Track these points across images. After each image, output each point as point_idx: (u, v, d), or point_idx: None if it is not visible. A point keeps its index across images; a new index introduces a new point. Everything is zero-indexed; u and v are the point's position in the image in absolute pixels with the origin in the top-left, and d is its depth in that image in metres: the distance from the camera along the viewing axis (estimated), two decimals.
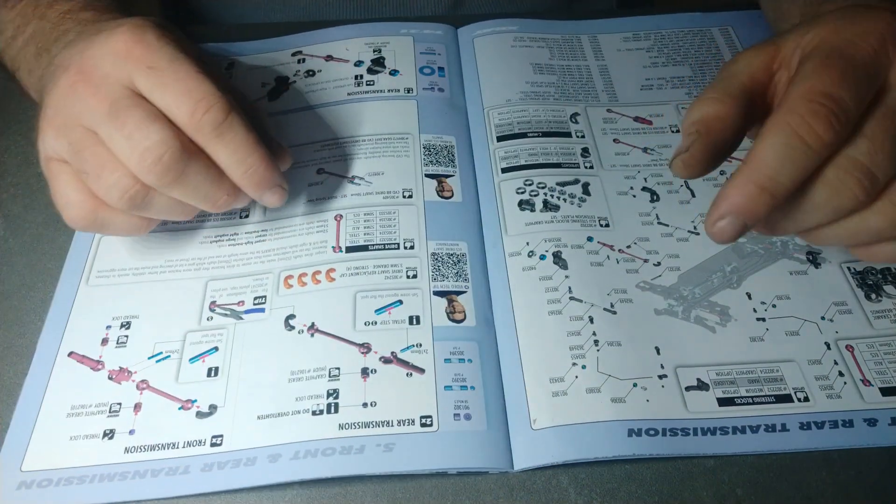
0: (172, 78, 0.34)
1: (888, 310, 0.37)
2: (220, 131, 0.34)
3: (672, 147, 0.44)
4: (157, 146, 0.33)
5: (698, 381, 0.35)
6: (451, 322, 0.37)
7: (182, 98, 0.34)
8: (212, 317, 0.37)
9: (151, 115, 0.33)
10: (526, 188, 0.42)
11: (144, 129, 0.33)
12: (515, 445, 0.33)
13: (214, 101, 0.34)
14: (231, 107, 0.34)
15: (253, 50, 0.51)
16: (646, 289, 0.38)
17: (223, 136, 0.34)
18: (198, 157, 0.34)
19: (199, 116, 0.33)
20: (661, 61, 0.50)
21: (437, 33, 0.52)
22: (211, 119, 0.33)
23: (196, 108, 0.33)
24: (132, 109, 0.33)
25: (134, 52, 0.34)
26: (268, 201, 0.37)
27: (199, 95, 0.34)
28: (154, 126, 0.33)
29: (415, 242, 0.40)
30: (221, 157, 0.35)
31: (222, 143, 0.34)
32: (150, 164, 0.33)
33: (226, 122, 0.34)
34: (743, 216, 0.30)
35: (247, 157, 0.35)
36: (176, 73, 0.34)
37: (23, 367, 0.36)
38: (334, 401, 0.34)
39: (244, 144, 0.35)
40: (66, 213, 0.35)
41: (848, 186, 0.29)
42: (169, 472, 0.32)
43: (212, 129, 0.34)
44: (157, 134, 0.33)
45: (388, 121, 0.46)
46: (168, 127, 0.33)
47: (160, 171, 0.33)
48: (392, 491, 0.32)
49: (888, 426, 0.33)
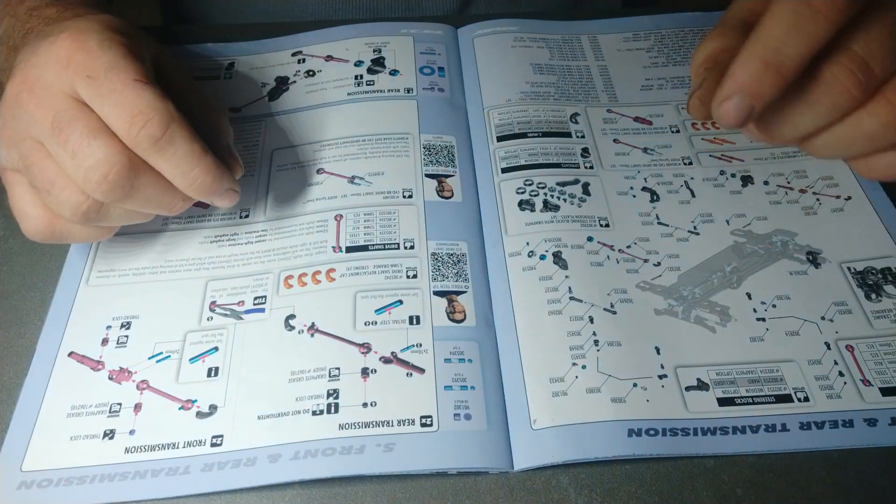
0: (108, 89, 0.32)
1: (888, 310, 0.37)
2: (160, 146, 0.32)
3: (672, 147, 0.45)
4: (101, 164, 0.32)
5: (698, 381, 0.35)
6: (451, 322, 0.37)
7: (118, 111, 0.32)
8: (212, 317, 0.37)
9: (94, 130, 0.32)
10: (526, 188, 0.42)
11: (87, 147, 0.32)
12: (515, 445, 0.33)
13: (151, 115, 0.32)
14: (170, 118, 0.33)
15: (253, 50, 0.51)
16: (646, 289, 0.38)
17: (163, 151, 0.33)
18: (145, 170, 0.33)
19: (135, 132, 0.32)
20: (661, 61, 0.50)
21: (437, 33, 0.52)
22: (147, 134, 0.32)
23: (132, 123, 0.32)
24: (74, 123, 0.32)
25: (74, 60, 0.33)
26: (218, 204, 0.36)
27: (134, 109, 0.32)
28: (97, 142, 0.32)
29: (415, 242, 0.40)
30: (165, 170, 0.34)
31: (163, 157, 0.33)
32: (95, 183, 0.32)
33: (164, 136, 0.32)
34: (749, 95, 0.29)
35: (191, 170, 0.34)
36: (112, 84, 0.32)
37: (23, 367, 0.36)
38: (334, 401, 0.34)
39: (186, 157, 0.33)
40: (23, 226, 0.35)
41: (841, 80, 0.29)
42: (169, 473, 0.32)
43: (149, 144, 0.32)
44: (100, 151, 0.32)
45: (388, 121, 0.46)
46: (112, 142, 0.32)
47: (107, 189, 0.32)
48: (392, 491, 0.32)
49: (888, 426, 0.33)
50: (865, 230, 0.40)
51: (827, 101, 0.29)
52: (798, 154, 0.44)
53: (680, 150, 0.44)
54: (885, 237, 0.40)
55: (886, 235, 0.40)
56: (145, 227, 0.41)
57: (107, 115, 0.32)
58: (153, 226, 0.41)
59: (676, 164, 0.44)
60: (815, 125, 0.31)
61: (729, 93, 0.29)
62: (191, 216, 0.42)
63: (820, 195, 0.42)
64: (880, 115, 0.30)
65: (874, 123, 0.30)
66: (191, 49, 0.51)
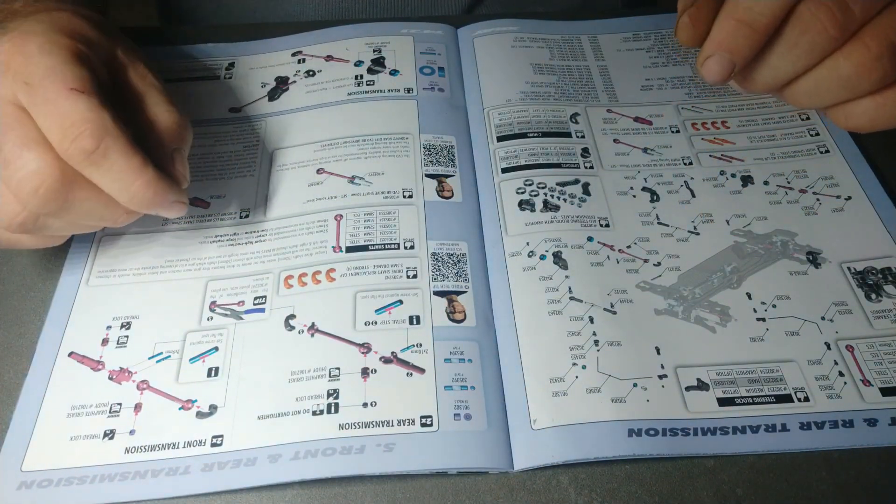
0: (43, 98, 0.31)
1: (888, 310, 0.37)
2: (93, 160, 0.31)
3: (673, 147, 0.45)
4: (32, 177, 0.30)
5: (698, 381, 0.35)
6: (452, 322, 0.37)
7: (50, 122, 0.31)
8: (212, 317, 0.37)
9: (28, 140, 0.31)
10: (526, 188, 0.42)
11: (20, 157, 0.31)
12: (515, 445, 0.33)
13: (84, 127, 0.30)
14: (104, 131, 0.31)
15: (253, 50, 0.51)
16: (646, 289, 0.38)
17: (98, 165, 0.31)
18: (81, 184, 0.32)
19: (66, 145, 0.31)
20: (661, 61, 0.50)
21: (437, 33, 0.52)
22: (79, 148, 0.30)
23: (63, 135, 0.30)
24: (10, 132, 0.31)
25: (13, 65, 0.32)
26: (166, 215, 0.35)
27: (66, 121, 0.30)
28: (30, 154, 0.31)
29: (415, 242, 0.40)
30: (102, 184, 0.32)
31: (98, 171, 0.31)
32: (27, 194, 0.31)
33: (98, 150, 0.31)
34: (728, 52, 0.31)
35: (129, 185, 0.32)
36: (46, 93, 0.31)
37: (23, 367, 0.36)
38: (334, 401, 0.34)
39: (123, 171, 0.32)
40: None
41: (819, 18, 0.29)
42: (169, 473, 0.32)
43: (82, 157, 0.31)
44: (32, 163, 0.31)
45: (388, 121, 0.46)
46: (45, 153, 0.31)
47: (40, 202, 0.31)
48: (392, 491, 0.32)
49: (888, 426, 0.33)
50: (865, 230, 0.40)
51: (804, 41, 0.30)
52: (798, 154, 0.44)
53: (680, 150, 0.44)
54: (885, 237, 0.40)
55: (886, 235, 0.40)
56: (145, 228, 0.41)
57: (41, 125, 0.31)
58: (153, 226, 0.41)
59: (676, 164, 0.44)
60: (794, 68, 0.31)
61: (710, 52, 0.31)
62: (191, 216, 0.42)
63: (820, 195, 0.42)
64: (856, 59, 0.30)
65: (850, 67, 0.30)
66: (191, 49, 0.51)
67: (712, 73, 0.32)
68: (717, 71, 0.32)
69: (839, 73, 0.31)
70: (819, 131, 0.45)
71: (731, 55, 0.31)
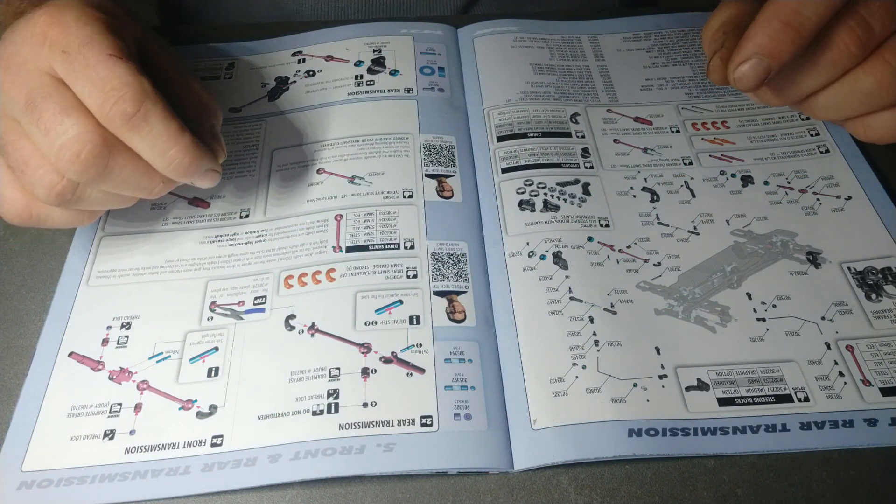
0: (82, 64, 0.31)
1: (888, 310, 0.37)
2: (133, 123, 0.31)
3: (673, 147, 0.45)
4: (73, 142, 0.31)
5: (698, 381, 0.35)
6: (452, 322, 0.37)
7: (90, 87, 0.31)
8: (212, 317, 0.37)
9: (68, 107, 0.31)
10: (526, 188, 0.42)
11: (60, 124, 0.31)
12: (515, 445, 0.33)
13: (124, 91, 0.31)
14: (144, 95, 0.31)
15: (253, 50, 0.51)
16: (646, 289, 0.38)
17: (137, 129, 0.31)
18: (121, 150, 0.32)
19: (107, 108, 0.31)
20: (661, 61, 0.50)
21: (437, 33, 0.52)
22: (120, 111, 0.31)
23: (104, 98, 0.31)
24: (48, 100, 0.31)
25: (50, 36, 0.32)
26: (200, 185, 0.35)
27: (107, 85, 0.31)
28: (70, 119, 0.31)
29: (415, 242, 0.40)
30: (140, 149, 0.32)
31: (137, 135, 0.32)
32: (68, 161, 0.31)
33: (138, 113, 0.31)
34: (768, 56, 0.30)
35: (167, 150, 0.32)
36: (86, 59, 0.31)
37: (23, 367, 0.36)
38: (334, 401, 0.34)
39: (162, 135, 0.32)
40: (1, 210, 0.34)
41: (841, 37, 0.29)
42: (169, 473, 0.32)
43: (123, 121, 0.31)
44: (73, 129, 0.31)
45: (388, 121, 0.46)
46: (86, 119, 0.31)
47: (80, 168, 0.31)
48: (392, 491, 0.32)
49: (888, 426, 0.33)
50: (865, 230, 0.40)
51: (826, 57, 0.30)
52: (798, 154, 0.44)
53: (680, 150, 0.44)
54: (886, 237, 0.40)
55: (886, 235, 0.40)
56: (145, 227, 0.41)
57: (80, 92, 0.31)
58: (153, 226, 0.41)
59: (676, 164, 0.44)
60: (815, 83, 0.31)
61: (748, 54, 0.30)
62: (191, 216, 0.42)
63: (820, 195, 0.42)
64: (876, 74, 0.30)
65: (870, 82, 0.31)
66: (191, 49, 0.51)
67: (748, 79, 0.31)
68: (755, 76, 0.31)
69: (859, 88, 0.31)
70: (819, 131, 0.45)
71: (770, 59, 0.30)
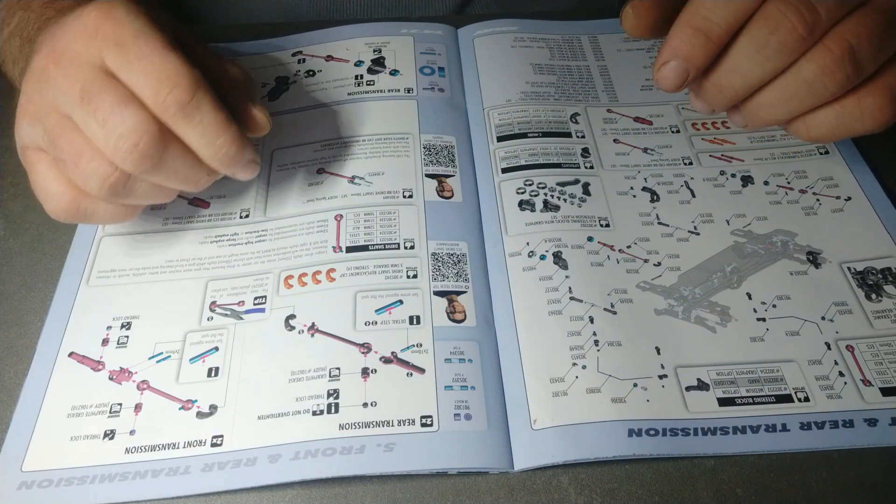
0: (136, 55, 0.32)
1: (888, 310, 0.37)
2: (187, 112, 0.32)
3: (673, 147, 0.45)
4: (132, 132, 0.31)
5: (698, 381, 0.35)
6: (452, 322, 0.37)
7: (145, 77, 0.32)
8: (212, 317, 0.37)
9: (124, 98, 0.32)
10: (526, 188, 0.42)
11: (118, 115, 0.31)
12: (516, 445, 0.33)
13: (179, 80, 0.32)
14: (197, 85, 0.32)
15: (253, 50, 0.51)
16: (646, 289, 0.38)
17: (190, 118, 0.32)
18: (173, 141, 0.33)
19: (162, 97, 0.32)
20: None
21: (437, 33, 0.52)
22: (175, 100, 0.32)
23: (159, 88, 0.32)
24: (104, 92, 0.32)
25: (102, 29, 0.32)
26: (240, 176, 0.36)
27: (162, 74, 0.32)
28: (128, 110, 0.31)
29: (415, 242, 0.40)
30: (190, 138, 0.33)
31: (190, 124, 0.33)
32: (126, 151, 0.31)
33: (191, 102, 0.32)
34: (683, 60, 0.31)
35: (216, 139, 0.33)
36: (140, 50, 0.32)
37: (23, 367, 0.36)
38: (334, 401, 0.34)
39: (213, 125, 0.33)
40: (47, 205, 0.35)
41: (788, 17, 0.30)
42: (169, 473, 0.32)
43: (177, 109, 0.32)
44: (131, 119, 0.31)
45: (388, 121, 0.46)
46: (142, 110, 0.32)
47: (137, 158, 0.32)
48: (392, 491, 0.32)
49: (888, 426, 0.33)
50: (865, 230, 0.40)
51: (774, 40, 0.31)
52: (798, 154, 0.44)
53: (680, 150, 0.44)
54: (885, 237, 0.40)
55: (886, 235, 0.40)
56: (145, 228, 0.41)
57: (135, 83, 0.32)
58: (153, 226, 0.41)
59: (676, 164, 0.44)
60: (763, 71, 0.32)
61: (666, 58, 0.32)
62: (191, 216, 0.42)
63: (820, 195, 0.42)
64: (818, 61, 0.31)
65: (813, 69, 0.31)
66: None
67: (668, 80, 0.33)
68: (673, 79, 0.32)
69: (803, 77, 0.31)
70: None
71: (686, 63, 0.32)
